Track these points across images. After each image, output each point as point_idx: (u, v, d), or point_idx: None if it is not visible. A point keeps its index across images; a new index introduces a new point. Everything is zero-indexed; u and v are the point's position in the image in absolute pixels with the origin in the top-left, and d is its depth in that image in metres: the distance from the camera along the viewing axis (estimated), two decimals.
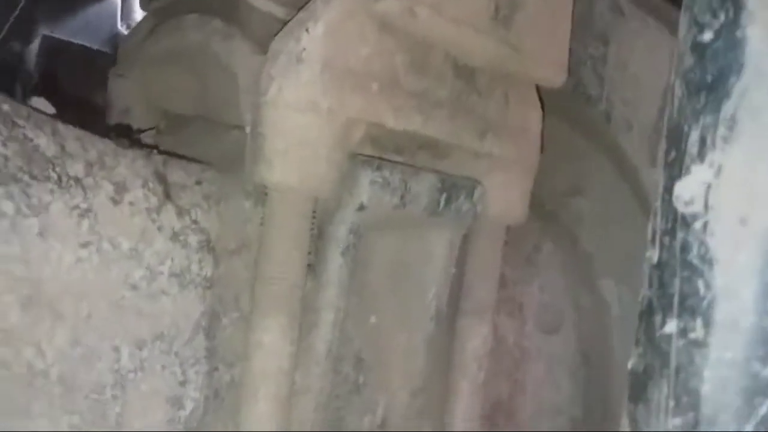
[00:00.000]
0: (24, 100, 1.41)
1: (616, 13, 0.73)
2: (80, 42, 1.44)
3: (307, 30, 0.48)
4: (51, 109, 0.50)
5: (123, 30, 1.50)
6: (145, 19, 0.73)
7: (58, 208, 0.41)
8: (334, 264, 0.52)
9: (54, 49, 1.42)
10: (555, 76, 0.63)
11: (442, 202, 0.57)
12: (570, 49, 0.72)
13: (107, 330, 0.44)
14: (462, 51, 0.57)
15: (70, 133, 0.45)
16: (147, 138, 0.65)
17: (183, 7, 0.65)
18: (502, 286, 0.76)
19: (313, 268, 0.52)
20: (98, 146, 0.46)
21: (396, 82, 0.54)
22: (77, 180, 0.43)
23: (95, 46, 1.46)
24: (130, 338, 0.45)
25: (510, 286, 0.78)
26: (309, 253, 0.50)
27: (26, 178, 0.40)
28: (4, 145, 0.40)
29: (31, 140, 0.42)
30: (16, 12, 1.30)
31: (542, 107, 0.68)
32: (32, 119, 0.43)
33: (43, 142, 0.43)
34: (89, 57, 1.44)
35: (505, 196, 0.64)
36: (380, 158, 0.55)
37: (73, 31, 1.45)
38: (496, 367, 0.72)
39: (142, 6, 0.77)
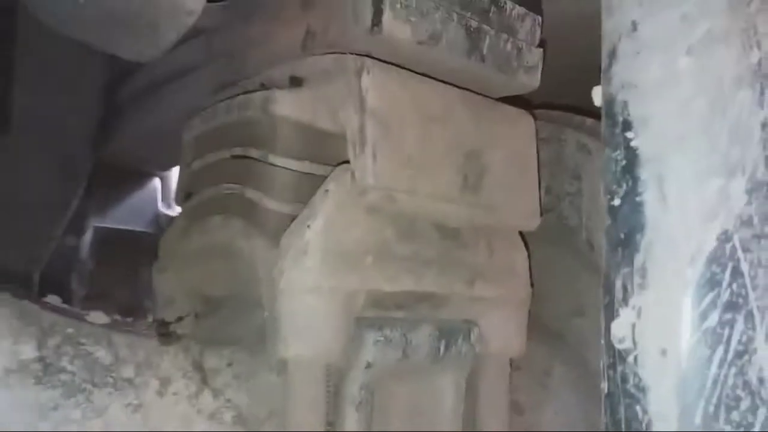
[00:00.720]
0: (80, 287, 1.55)
1: (584, 152, 0.83)
2: (127, 227, 1.62)
3: (308, 227, 0.59)
4: (105, 320, 0.60)
5: (163, 209, 1.67)
6: (178, 218, 0.85)
7: (115, 408, 0.50)
8: (351, 420, 0.59)
9: (104, 238, 1.59)
10: (528, 223, 0.72)
11: (442, 349, 0.65)
12: (549, 186, 0.82)
13: None
14: (441, 218, 0.66)
15: (122, 340, 0.55)
16: (187, 324, 0.75)
17: (210, 209, 0.77)
18: (518, 414, 0.80)
19: (333, 424, 0.59)
20: (145, 347, 0.56)
21: (388, 252, 0.63)
22: (130, 381, 0.52)
23: (139, 228, 1.63)
24: None
25: (526, 413, 0.82)
26: (327, 413, 0.58)
27: (89, 387, 0.50)
28: (71, 362, 0.50)
29: (92, 354, 0.52)
30: (71, 211, 1.48)
31: (527, 246, 0.76)
32: (92, 335, 0.53)
33: (101, 354, 0.53)
34: (135, 239, 1.61)
35: (502, 332, 0.71)
36: (383, 317, 0.63)
37: (119, 217, 1.63)
38: None
39: (177, 203, 0.91)
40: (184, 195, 0.85)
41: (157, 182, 1.68)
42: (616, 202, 0.45)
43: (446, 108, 0.65)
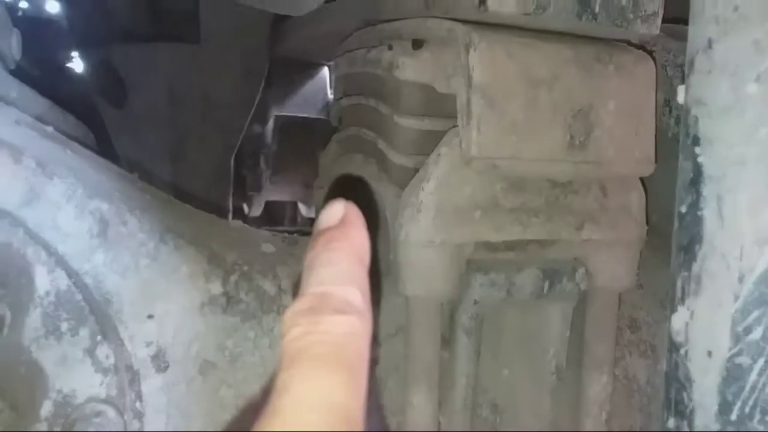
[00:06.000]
0: (267, 171, 1.81)
1: None
2: (302, 114, 1.81)
3: (422, 188, 0.69)
4: (272, 249, 0.77)
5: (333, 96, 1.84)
6: (332, 144, 0.99)
7: (278, 330, 0.68)
8: (462, 343, 0.72)
9: (284, 124, 1.81)
10: (642, 169, 0.74)
11: (546, 288, 0.74)
12: None
13: None
14: (548, 176, 0.72)
15: (284, 272, 0.72)
16: None
17: (354, 145, 0.89)
18: (635, 330, 0.88)
19: (448, 342, 0.73)
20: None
21: (496, 205, 0.71)
22: None
23: (313, 115, 1.82)
24: None
25: (643, 329, 0.89)
26: (443, 335, 0.71)
27: (259, 313, 0.68)
28: (246, 295, 0.68)
29: (261, 287, 0.69)
30: (256, 102, 1.70)
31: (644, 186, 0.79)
32: (261, 271, 0.70)
33: (268, 286, 0.70)
34: (310, 124, 1.80)
35: (609, 270, 0.77)
36: (491, 260, 0.73)
37: (296, 106, 1.82)
38: (628, 403, 0.85)
39: (333, 122, 1.04)
40: (338, 120, 0.98)
41: (325, 71, 1.82)
42: (683, 209, 0.49)
43: (554, 71, 0.67)
